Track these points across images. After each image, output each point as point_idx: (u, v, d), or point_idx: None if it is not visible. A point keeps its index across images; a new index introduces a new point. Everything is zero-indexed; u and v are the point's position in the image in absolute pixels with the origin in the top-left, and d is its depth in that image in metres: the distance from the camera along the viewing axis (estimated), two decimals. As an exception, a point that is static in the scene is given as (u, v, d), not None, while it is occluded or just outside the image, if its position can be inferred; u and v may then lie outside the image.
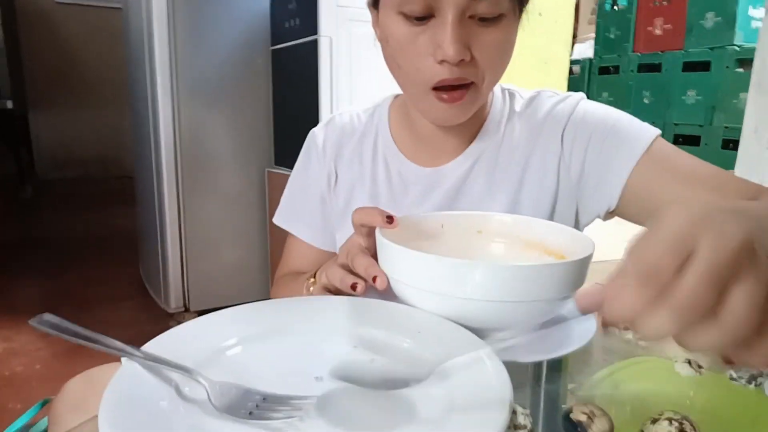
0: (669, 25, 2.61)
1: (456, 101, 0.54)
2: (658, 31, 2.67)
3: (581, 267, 0.39)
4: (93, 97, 4.33)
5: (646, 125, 0.59)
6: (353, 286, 0.44)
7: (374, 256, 0.44)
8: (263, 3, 1.86)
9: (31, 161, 4.17)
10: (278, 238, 1.97)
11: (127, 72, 2.25)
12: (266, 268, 2.06)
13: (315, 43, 1.58)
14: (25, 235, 3.04)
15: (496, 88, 0.66)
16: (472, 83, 0.54)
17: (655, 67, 2.70)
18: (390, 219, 0.45)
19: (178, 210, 1.88)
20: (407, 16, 0.51)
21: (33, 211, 3.56)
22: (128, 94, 2.26)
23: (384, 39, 0.56)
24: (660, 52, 2.66)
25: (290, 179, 0.74)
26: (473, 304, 0.38)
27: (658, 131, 0.58)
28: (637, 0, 2.77)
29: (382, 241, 0.42)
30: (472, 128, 0.64)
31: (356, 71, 1.64)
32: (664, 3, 2.64)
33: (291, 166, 0.75)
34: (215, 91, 1.87)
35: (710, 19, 2.36)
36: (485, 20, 0.51)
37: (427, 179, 0.64)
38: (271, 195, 1.97)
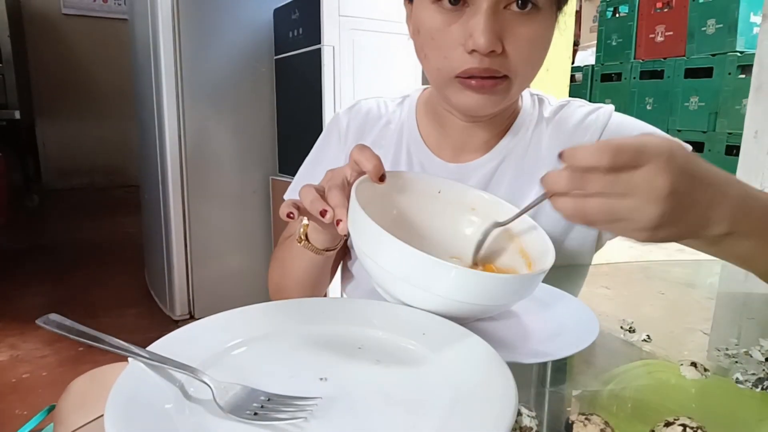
0: (670, 32, 2.62)
1: (484, 89, 0.53)
2: (659, 38, 2.68)
3: (528, 281, 0.40)
4: (99, 107, 4.37)
5: (678, 141, 0.59)
6: (322, 213, 0.43)
7: None
8: (267, 13, 1.88)
9: (38, 170, 4.20)
10: (282, 246, 1.98)
11: (132, 82, 2.27)
12: (270, 276, 2.06)
13: (318, 52, 1.60)
14: (32, 243, 3.05)
15: (526, 92, 0.66)
16: (504, 76, 0.52)
17: (657, 74, 2.70)
18: (382, 178, 0.46)
19: (183, 217, 1.89)
20: (441, 5, 0.51)
21: (39, 220, 3.58)
22: (134, 104, 2.28)
23: (416, 30, 0.55)
24: (662, 59, 2.66)
25: (307, 159, 0.74)
26: (416, 292, 0.39)
27: (690, 147, 0.59)
28: (639, 7, 2.79)
29: (354, 205, 0.41)
30: (498, 127, 0.63)
31: (359, 80, 1.65)
32: (666, 10, 2.65)
33: (295, 174, 0.75)
34: (220, 100, 1.89)
35: (711, 26, 2.37)
36: (521, 12, 0.50)
37: (451, 175, 0.63)
38: (275, 202, 1.98)
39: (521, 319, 0.46)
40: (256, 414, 0.30)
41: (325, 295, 0.70)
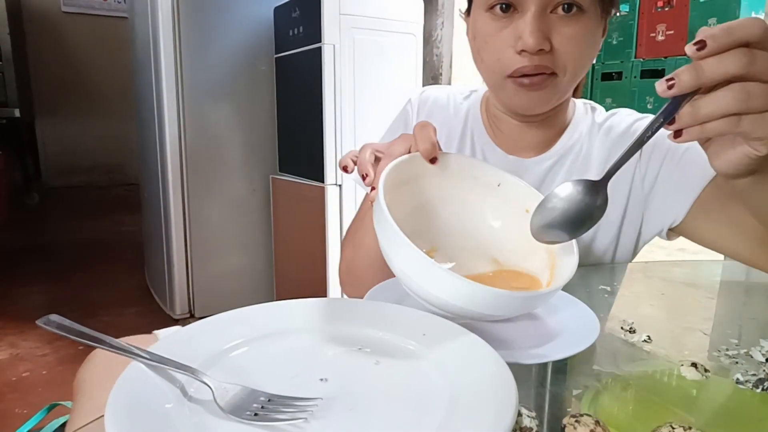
0: (671, 31, 2.61)
1: (535, 87, 0.56)
2: (660, 37, 2.68)
3: (533, 300, 0.40)
4: (99, 106, 4.36)
5: None
6: (364, 176, 0.46)
7: None
8: (267, 11, 1.88)
9: (38, 169, 4.20)
10: (283, 244, 1.98)
11: (132, 80, 2.27)
12: (271, 274, 2.06)
13: (318, 50, 1.59)
14: (31, 241, 3.05)
15: (579, 102, 0.69)
16: (552, 73, 0.56)
17: (658, 73, 2.70)
18: (433, 160, 0.47)
19: (184, 216, 1.89)
20: (493, 12, 0.56)
21: (39, 218, 3.58)
22: (134, 102, 2.28)
23: (472, 37, 0.60)
24: (663, 58, 2.66)
25: (382, 138, 0.76)
26: (422, 290, 0.39)
27: None
28: (639, 6, 2.78)
29: (379, 191, 0.40)
30: (550, 129, 0.66)
31: (359, 79, 1.65)
32: (666, 9, 2.65)
33: (295, 173, 0.76)
34: (220, 99, 1.89)
35: (713, 25, 2.36)
36: (566, 14, 0.54)
37: (510, 168, 0.66)
38: (275, 201, 1.98)
39: (521, 319, 0.46)
40: (256, 414, 0.30)
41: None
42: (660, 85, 0.35)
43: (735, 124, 0.34)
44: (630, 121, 0.66)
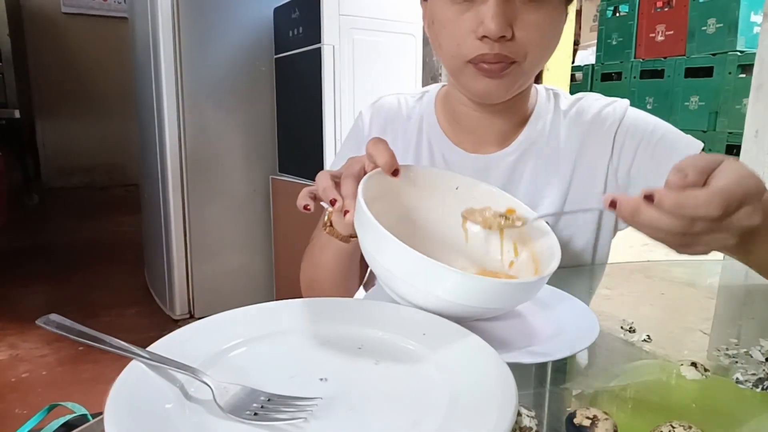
0: (671, 31, 2.61)
1: (495, 74, 0.54)
2: (660, 37, 2.68)
3: (527, 287, 0.40)
4: (99, 106, 4.36)
5: (691, 138, 0.61)
6: (332, 202, 0.45)
7: None
8: (267, 12, 1.88)
9: (38, 169, 4.20)
10: (283, 244, 1.98)
11: (132, 81, 2.27)
12: (271, 275, 2.06)
13: (318, 51, 1.59)
14: (31, 242, 3.05)
15: (540, 88, 0.67)
16: (513, 61, 0.54)
17: (657, 73, 2.70)
18: (395, 173, 0.46)
19: (183, 216, 1.89)
20: None
21: (39, 219, 3.58)
22: (134, 103, 2.28)
23: (430, 21, 0.58)
24: (662, 59, 2.66)
25: (336, 155, 0.75)
26: (417, 293, 0.39)
27: (702, 144, 0.60)
28: (639, 6, 2.78)
29: (359, 202, 0.40)
30: (513, 118, 0.64)
31: (359, 79, 1.65)
32: (666, 9, 2.65)
33: (295, 173, 0.76)
34: (220, 99, 1.89)
35: (712, 25, 2.37)
36: (529, 1, 0.52)
37: (473, 165, 0.64)
38: (275, 202, 1.98)
39: (521, 319, 0.46)
40: (256, 414, 0.30)
41: (363, 283, 0.69)
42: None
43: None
44: (598, 107, 0.64)
